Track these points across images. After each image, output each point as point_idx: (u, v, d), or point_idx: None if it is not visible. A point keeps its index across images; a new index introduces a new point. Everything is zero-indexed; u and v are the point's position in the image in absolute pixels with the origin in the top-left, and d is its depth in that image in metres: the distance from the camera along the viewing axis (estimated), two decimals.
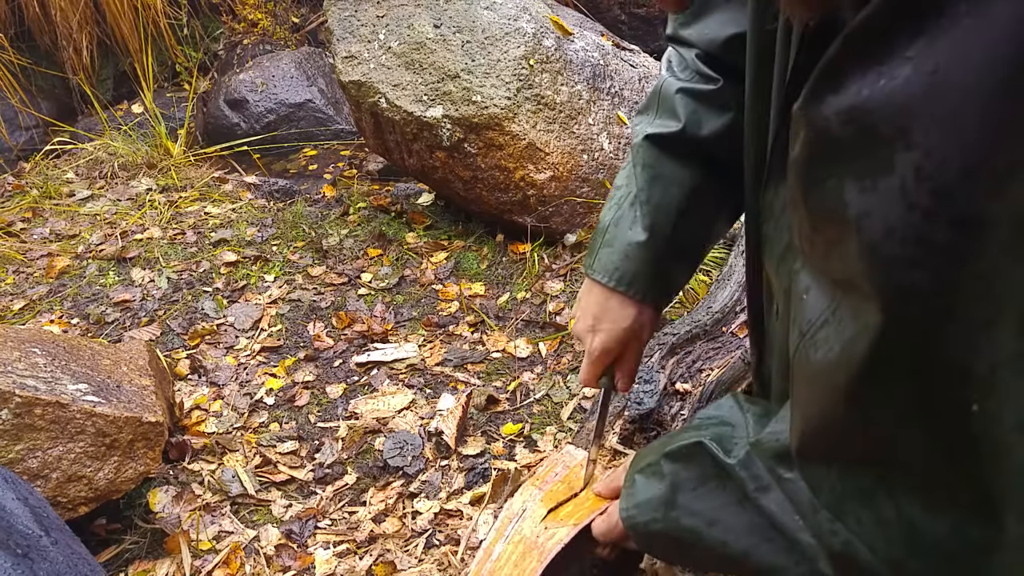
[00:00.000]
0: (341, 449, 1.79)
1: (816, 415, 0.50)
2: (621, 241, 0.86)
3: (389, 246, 2.53)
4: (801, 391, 0.51)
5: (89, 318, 2.24)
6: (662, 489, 0.68)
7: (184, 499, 1.67)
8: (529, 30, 2.26)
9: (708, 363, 1.35)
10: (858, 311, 0.41)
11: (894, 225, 0.37)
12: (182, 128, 3.40)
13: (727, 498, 0.61)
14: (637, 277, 0.87)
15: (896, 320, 0.39)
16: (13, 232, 2.69)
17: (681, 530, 0.65)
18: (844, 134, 0.39)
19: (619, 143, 2.38)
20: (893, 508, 0.47)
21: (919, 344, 0.39)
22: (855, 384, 0.43)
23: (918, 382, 0.40)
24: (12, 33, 3.49)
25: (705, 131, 0.81)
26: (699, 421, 0.70)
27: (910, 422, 0.42)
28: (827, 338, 0.45)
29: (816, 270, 0.47)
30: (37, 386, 1.47)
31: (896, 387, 0.41)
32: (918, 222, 0.35)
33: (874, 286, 0.39)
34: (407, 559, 1.51)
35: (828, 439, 0.50)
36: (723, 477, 0.62)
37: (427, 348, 2.08)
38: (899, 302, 0.38)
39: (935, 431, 0.41)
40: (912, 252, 0.36)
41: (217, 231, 2.65)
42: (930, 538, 0.45)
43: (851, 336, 0.42)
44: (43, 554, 1.04)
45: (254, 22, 4.01)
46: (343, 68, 2.37)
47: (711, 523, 0.63)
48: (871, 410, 0.44)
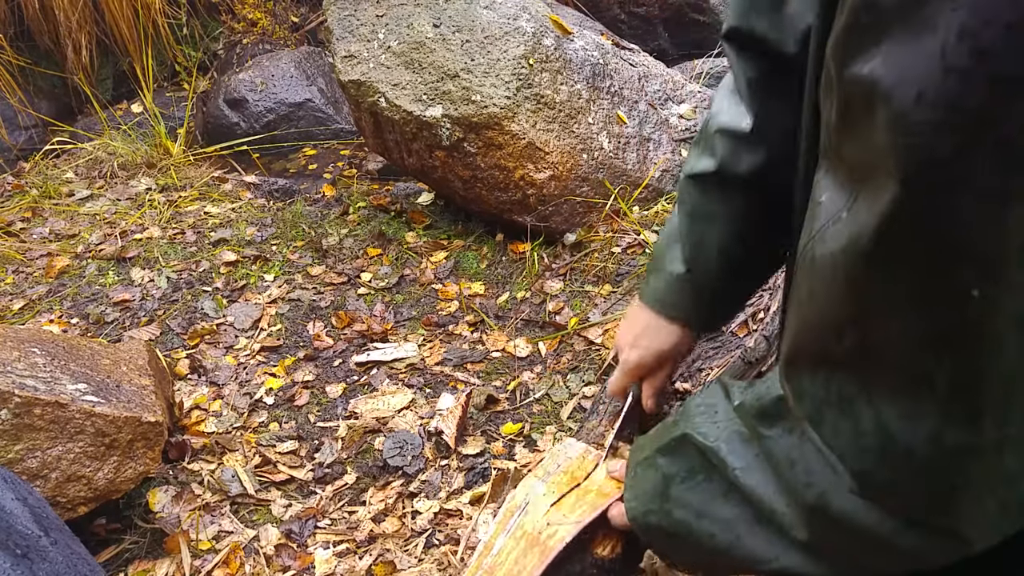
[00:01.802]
0: (341, 449, 1.79)
1: (812, 311, 0.49)
2: (666, 271, 0.91)
3: (389, 245, 2.53)
4: (800, 290, 0.51)
5: (89, 318, 2.24)
6: (656, 481, 0.70)
7: (184, 499, 1.67)
8: (529, 29, 2.26)
9: (708, 363, 1.35)
10: (875, 195, 0.41)
11: (926, 89, 0.36)
12: (181, 128, 3.40)
13: (714, 490, 0.63)
14: (678, 306, 0.91)
15: (912, 190, 0.38)
16: (13, 232, 2.69)
17: (674, 523, 0.67)
18: None
19: (619, 142, 2.38)
20: (872, 415, 0.47)
21: (930, 217, 0.38)
22: (857, 266, 0.43)
23: (922, 262, 0.40)
24: (11, 33, 3.49)
25: (742, 169, 0.80)
26: (688, 409, 0.70)
27: (906, 309, 0.42)
28: (837, 232, 0.45)
29: (838, 166, 0.46)
30: (36, 386, 1.47)
31: (898, 268, 0.41)
32: (952, 86, 0.35)
33: (896, 156, 0.38)
34: (407, 559, 1.51)
35: (821, 337, 0.49)
36: (709, 468, 0.63)
37: (427, 348, 2.08)
38: (918, 171, 0.38)
39: (929, 319, 0.41)
40: (941, 116, 0.36)
41: (217, 231, 2.65)
42: (904, 445, 0.46)
43: (863, 219, 0.42)
44: (42, 554, 1.04)
45: (253, 21, 4.00)
46: (342, 67, 2.37)
47: (700, 515, 0.64)
48: (868, 297, 0.44)
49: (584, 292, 2.17)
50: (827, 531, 0.54)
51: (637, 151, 2.41)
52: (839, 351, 0.48)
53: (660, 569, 1.29)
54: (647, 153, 2.44)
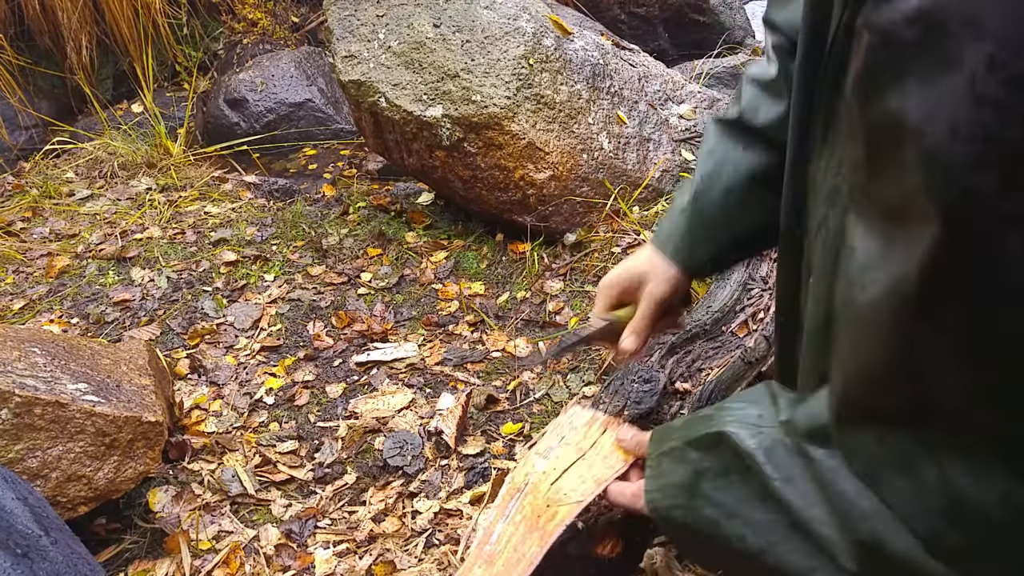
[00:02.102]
0: (341, 449, 1.79)
1: (859, 364, 0.47)
2: (673, 208, 0.91)
3: (389, 245, 2.53)
4: (844, 341, 0.49)
5: (89, 318, 2.24)
6: (686, 475, 0.67)
7: (184, 499, 1.67)
8: (529, 29, 2.26)
9: (708, 362, 1.35)
10: (915, 238, 0.39)
11: (959, 124, 0.35)
12: (182, 128, 3.40)
13: (749, 491, 0.60)
14: (671, 236, 0.90)
15: (955, 229, 0.36)
16: (13, 232, 2.69)
17: (701, 519, 0.64)
18: (910, 35, 0.37)
19: (619, 142, 2.38)
20: (936, 473, 0.43)
21: (978, 257, 0.36)
22: (904, 313, 0.40)
23: (973, 304, 0.37)
24: (12, 33, 3.49)
25: (760, 119, 0.82)
26: (725, 405, 0.68)
27: (961, 357, 0.39)
28: (876, 277, 0.42)
29: (868, 209, 0.44)
30: (37, 386, 1.47)
31: (949, 312, 0.39)
32: (987, 118, 0.33)
33: (933, 196, 0.36)
34: (407, 559, 1.51)
35: (870, 391, 0.47)
36: (745, 470, 0.61)
37: (427, 347, 2.08)
38: (960, 209, 0.36)
39: (987, 367, 0.39)
40: (979, 150, 0.34)
41: (217, 230, 2.65)
42: (975, 506, 0.42)
43: (904, 264, 0.40)
44: (43, 554, 1.04)
45: (254, 21, 4.01)
46: (343, 67, 2.37)
47: (731, 515, 0.61)
48: (918, 346, 0.41)
49: (584, 292, 2.17)
50: (881, 569, 0.51)
51: (637, 151, 2.42)
52: (893, 406, 0.45)
53: (660, 569, 1.29)
54: (647, 153, 2.44)
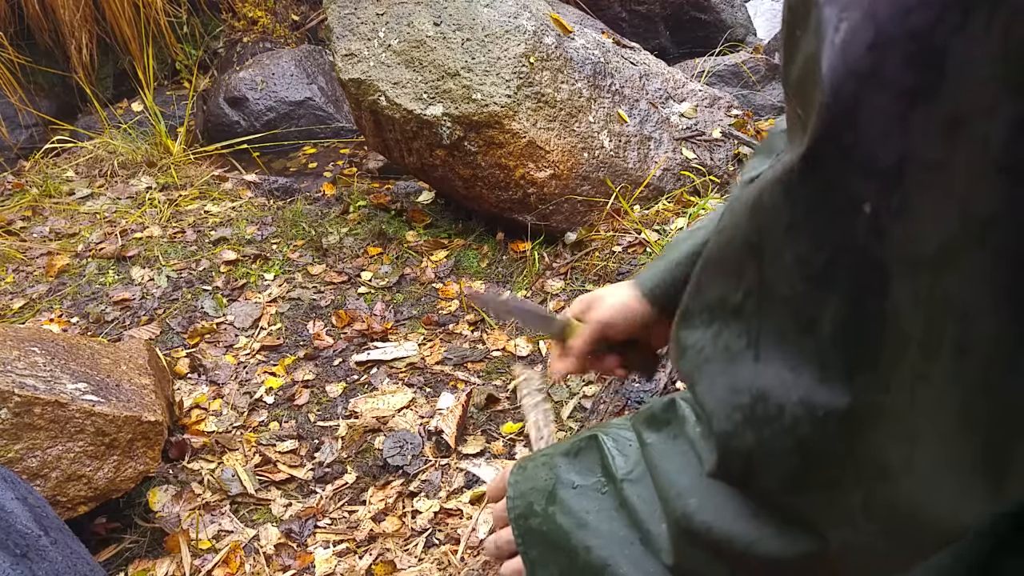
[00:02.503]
0: (341, 448, 1.79)
1: (717, 248, 0.46)
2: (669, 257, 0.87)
3: (389, 244, 2.52)
4: (714, 237, 0.47)
5: (88, 317, 2.24)
6: (548, 480, 0.64)
7: (184, 498, 1.67)
8: (529, 28, 2.26)
9: None
10: (809, 117, 0.37)
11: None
12: (182, 126, 3.40)
13: (604, 503, 0.58)
14: (651, 278, 0.87)
15: (832, 95, 0.35)
16: (13, 231, 2.69)
17: (554, 528, 0.61)
18: None
19: (619, 141, 2.38)
20: (752, 369, 0.43)
21: (840, 120, 0.35)
22: (768, 192, 0.40)
23: (824, 171, 0.36)
24: (12, 31, 3.49)
25: None
26: (611, 420, 0.68)
27: (801, 232, 0.38)
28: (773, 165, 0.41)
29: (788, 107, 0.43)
30: (36, 385, 1.47)
31: (802, 183, 0.38)
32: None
33: (820, 53, 0.35)
34: (407, 558, 1.51)
35: (719, 285, 0.46)
36: (607, 477, 0.59)
37: (427, 347, 2.08)
38: (833, 68, 0.34)
39: (820, 241, 0.37)
40: (863, 4, 0.33)
41: (217, 229, 2.64)
42: (775, 403, 0.41)
43: (797, 149, 0.38)
44: (42, 554, 1.04)
45: (254, 20, 4.00)
46: (343, 66, 2.36)
47: (581, 525, 0.59)
48: (769, 222, 0.40)
49: (585, 291, 2.17)
50: (691, 550, 0.49)
51: (638, 150, 2.41)
52: (736, 296, 0.44)
53: None
54: (648, 152, 2.43)
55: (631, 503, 0.55)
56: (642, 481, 0.55)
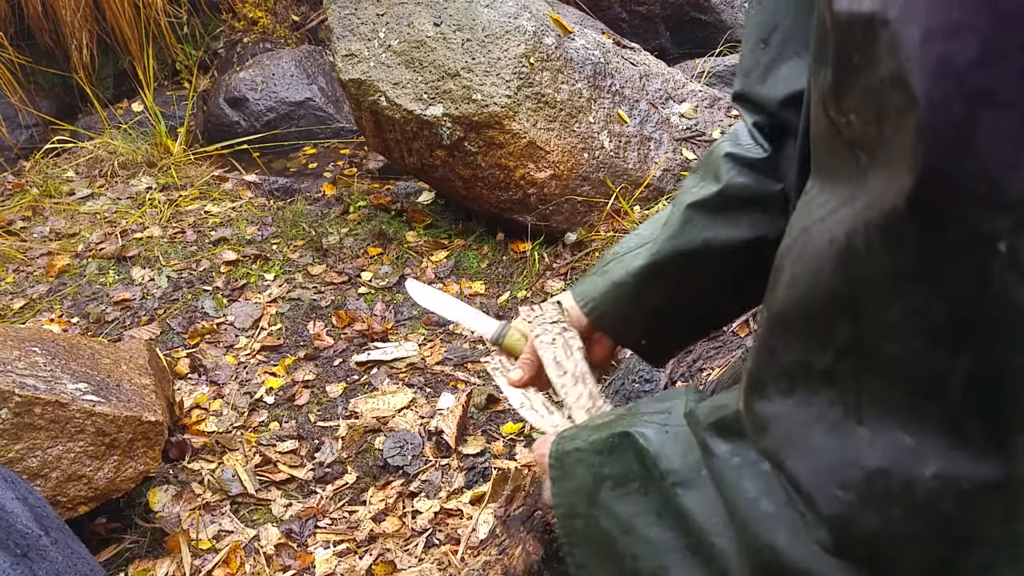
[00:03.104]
0: (341, 448, 1.79)
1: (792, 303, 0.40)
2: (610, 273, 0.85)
3: (389, 245, 2.52)
4: (772, 296, 0.42)
5: (89, 317, 2.24)
6: (587, 480, 0.60)
7: (184, 498, 1.67)
8: (529, 28, 2.26)
9: (708, 363, 1.34)
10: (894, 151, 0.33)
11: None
12: (182, 126, 3.40)
13: (647, 505, 0.54)
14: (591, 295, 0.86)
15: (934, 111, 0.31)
16: (13, 231, 2.69)
17: (599, 531, 0.58)
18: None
19: (619, 141, 2.38)
20: (857, 440, 0.37)
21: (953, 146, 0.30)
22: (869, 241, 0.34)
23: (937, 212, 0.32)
24: (12, 31, 3.49)
25: (744, 195, 0.76)
26: (637, 407, 0.61)
27: (912, 283, 0.33)
28: (842, 218, 0.36)
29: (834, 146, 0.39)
30: (37, 385, 1.47)
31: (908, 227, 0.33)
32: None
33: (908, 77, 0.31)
34: (407, 558, 1.51)
35: (798, 348, 0.40)
36: (646, 478, 0.54)
37: (427, 347, 2.08)
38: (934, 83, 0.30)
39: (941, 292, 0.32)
40: (956, 16, 0.30)
41: (217, 230, 2.64)
42: (900, 479, 0.35)
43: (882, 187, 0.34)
44: (42, 554, 1.04)
45: (254, 20, 4.00)
46: (343, 66, 2.36)
47: (625, 530, 0.55)
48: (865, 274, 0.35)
49: None
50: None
51: (638, 150, 2.41)
52: (824, 359, 0.39)
53: None
54: (648, 152, 2.44)
55: (684, 508, 0.50)
56: (700, 488, 0.49)
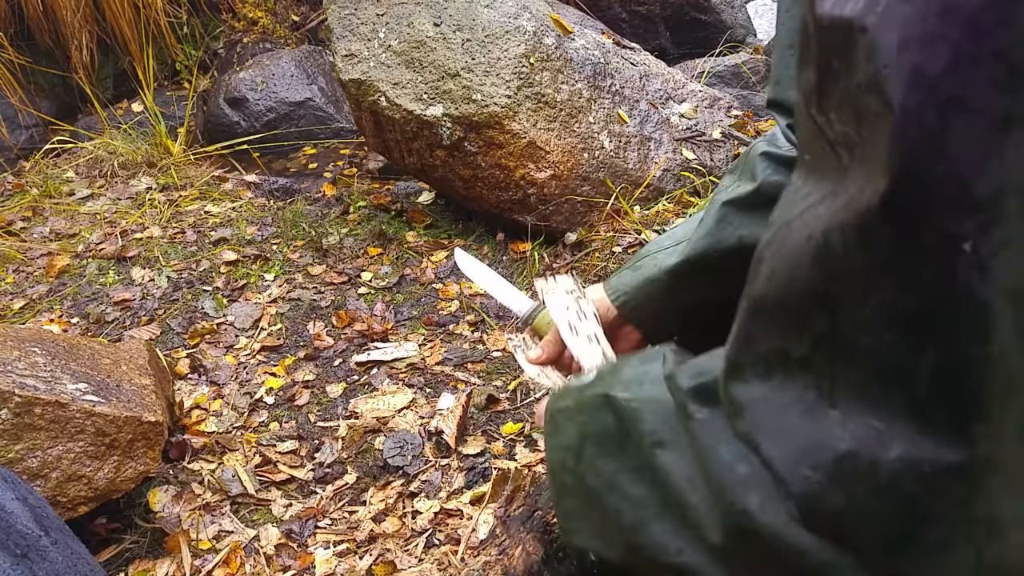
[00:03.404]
0: (341, 448, 1.79)
1: (773, 296, 0.42)
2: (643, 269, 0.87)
3: (389, 245, 2.52)
4: (753, 285, 0.44)
5: (89, 317, 2.24)
6: (574, 436, 0.62)
7: (184, 498, 1.67)
8: (529, 28, 2.26)
9: None
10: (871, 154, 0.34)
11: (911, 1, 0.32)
12: (182, 127, 3.40)
13: (626, 462, 0.56)
14: (623, 289, 0.88)
15: (905, 118, 0.32)
16: (13, 231, 2.69)
17: (585, 488, 0.60)
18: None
19: (620, 141, 2.38)
20: (828, 424, 0.39)
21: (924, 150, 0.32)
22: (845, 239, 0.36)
23: (911, 211, 0.34)
24: (12, 32, 3.49)
25: (779, 193, 0.78)
26: (619, 367, 0.63)
27: (885, 278, 0.35)
28: (823, 212, 0.38)
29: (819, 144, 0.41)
30: (37, 385, 1.47)
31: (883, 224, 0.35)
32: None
33: (882, 83, 0.33)
34: (407, 559, 1.51)
35: (778, 334, 0.42)
36: (624, 436, 0.56)
37: (427, 347, 2.08)
38: (907, 90, 0.32)
39: (912, 287, 0.34)
40: (932, 26, 0.31)
41: (217, 230, 2.64)
42: (866, 459, 0.37)
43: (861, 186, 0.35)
44: (42, 554, 1.04)
45: (254, 20, 4.00)
46: (343, 66, 2.36)
47: (610, 487, 0.57)
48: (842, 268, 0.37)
49: None
50: (747, 544, 0.45)
51: (638, 150, 2.41)
52: (801, 348, 0.41)
53: None
54: (648, 152, 2.44)
55: (661, 467, 0.52)
56: (677, 448, 0.51)
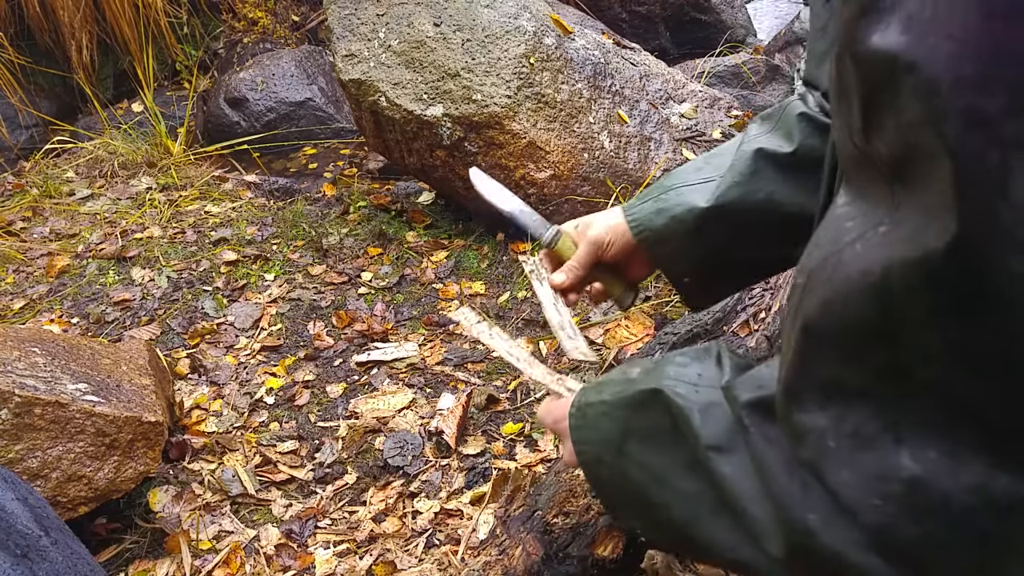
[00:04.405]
0: (341, 449, 1.79)
1: (829, 327, 0.41)
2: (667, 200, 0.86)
3: (389, 245, 2.52)
4: (811, 303, 0.43)
5: (89, 317, 2.24)
6: (613, 430, 0.62)
7: (184, 499, 1.67)
8: (529, 28, 2.26)
9: None
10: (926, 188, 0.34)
11: (963, 39, 0.31)
12: (182, 127, 3.40)
13: (677, 457, 0.56)
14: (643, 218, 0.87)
15: (963, 161, 0.32)
16: (13, 231, 2.69)
17: (628, 482, 0.60)
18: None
19: (620, 142, 2.38)
20: (896, 456, 0.39)
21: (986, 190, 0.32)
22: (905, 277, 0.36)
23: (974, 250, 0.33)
24: (12, 32, 3.49)
25: (815, 156, 0.78)
26: (664, 364, 0.62)
27: (948, 315, 0.35)
28: (873, 241, 0.38)
29: (866, 172, 0.40)
30: (37, 386, 1.47)
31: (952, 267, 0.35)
32: (999, 28, 0.31)
33: (939, 125, 0.32)
34: (407, 559, 1.51)
35: (833, 363, 0.42)
36: (676, 432, 0.56)
37: (427, 347, 2.08)
38: (964, 135, 0.32)
39: (977, 324, 0.34)
40: (983, 69, 0.31)
41: (217, 230, 2.64)
42: (939, 494, 0.37)
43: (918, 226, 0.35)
44: (43, 554, 1.04)
45: (254, 20, 4.00)
46: (343, 66, 2.36)
47: (658, 481, 0.57)
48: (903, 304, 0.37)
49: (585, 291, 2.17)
50: (809, 561, 0.46)
51: (638, 150, 2.41)
52: (859, 378, 0.40)
53: (661, 570, 1.29)
54: (648, 153, 2.43)
55: (717, 471, 0.52)
56: (734, 454, 0.51)
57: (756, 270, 0.93)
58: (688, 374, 0.59)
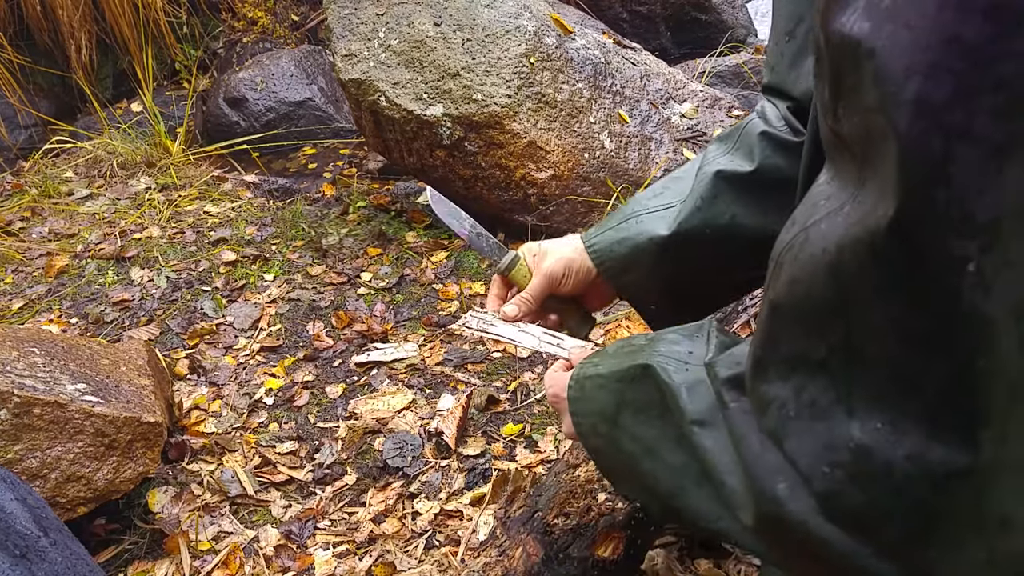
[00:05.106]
0: (341, 449, 1.79)
1: (789, 309, 0.44)
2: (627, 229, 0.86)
3: (389, 245, 2.52)
4: (775, 288, 0.45)
5: (88, 317, 2.23)
6: (608, 403, 0.65)
7: (183, 499, 1.67)
8: (530, 28, 2.26)
9: None
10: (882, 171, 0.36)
11: (918, 28, 0.33)
12: (181, 127, 3.40)
13: (666, 430, 0.59)
14: (603, 247, 0.87)
15: (908, 146, 0.34)
16: (12, 231, 2.68)
17: (621, 453, 0.63)
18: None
19: (620, 141, 2.37)
20: (848, 427, 0.41)
21: (930, 177, 0.34)
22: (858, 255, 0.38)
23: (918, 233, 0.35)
24: (11, 31, 3.48)
25: (777, 177, 0.79)
26: (658, 341, 0.65)
27: (894, 295, 0.37)
28: (839, 222, 0.40)
29: (838, 153, 0.42)
30: (36, 386, 1.47)
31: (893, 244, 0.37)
32: (949, 18, 0.32)
33: (888, 109, 0.34)
34: (407, 560, 1.50)
35: (797, 338, 0.45)
36: (664, 407, 0.59)
37: (427, 348, 2.08)
38: (912, 119, 0.33)
39: (919, 305, 0.36)
40: (934, 56, 0.32)
41: (216, 230, 2.64)
42: (882, 461, 0.40)
43: (875, 205, 0.37)
44: (42, 555, 1.04)
45: (254, 20, 4.00)
46: (343, 66, 2.36)
47: (647, 453, 0.60)
48: (856, 283, 0.39)
49: None
50: (777, 529, 0.48)
51: (639, 150, 2.41)
52: (819, 352, 0.43)
53: (661, 570, 1.29)
54: (649, 152, 2.43)
55: (699, 444, 0.55)
56: (715, 428, 0.54)
57: (726, 291, 0.94)
58: (679, 351, 0.61)
